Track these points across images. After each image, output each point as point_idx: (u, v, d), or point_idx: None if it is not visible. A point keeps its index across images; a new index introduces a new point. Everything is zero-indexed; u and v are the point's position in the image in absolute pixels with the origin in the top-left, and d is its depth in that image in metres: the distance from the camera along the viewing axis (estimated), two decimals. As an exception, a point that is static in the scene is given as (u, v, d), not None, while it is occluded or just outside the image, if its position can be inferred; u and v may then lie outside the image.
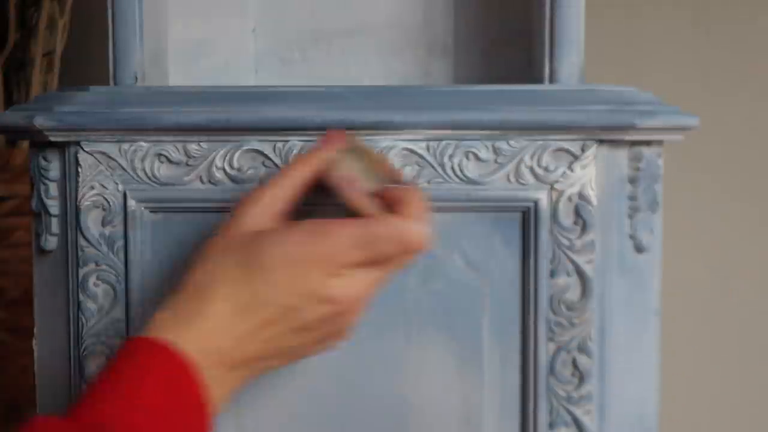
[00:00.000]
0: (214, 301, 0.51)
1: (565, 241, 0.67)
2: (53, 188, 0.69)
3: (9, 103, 1.32)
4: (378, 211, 0.54)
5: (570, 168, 0.67)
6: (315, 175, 0.56)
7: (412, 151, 0.67)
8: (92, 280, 0.68)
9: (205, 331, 0.50)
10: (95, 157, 0.67)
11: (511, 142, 0.67)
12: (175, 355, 0.49)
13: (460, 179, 0.67)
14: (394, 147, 0.67)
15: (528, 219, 0.67)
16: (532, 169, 0.67)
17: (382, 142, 0.67)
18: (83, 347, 0.68)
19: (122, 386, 0.48)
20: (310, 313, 0.52)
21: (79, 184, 0.67)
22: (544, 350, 0.68)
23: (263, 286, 0.51)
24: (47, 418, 0.47)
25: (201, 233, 0.68)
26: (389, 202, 0.55)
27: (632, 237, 0.68)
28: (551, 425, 0.68)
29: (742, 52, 1.35)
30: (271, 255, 0.51)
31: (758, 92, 1.36)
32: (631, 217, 0.68)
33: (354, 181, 0.54)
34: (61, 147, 0.68)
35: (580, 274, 0.67)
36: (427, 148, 0.67)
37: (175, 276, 0.64)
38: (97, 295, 0.68)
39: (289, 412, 0.69)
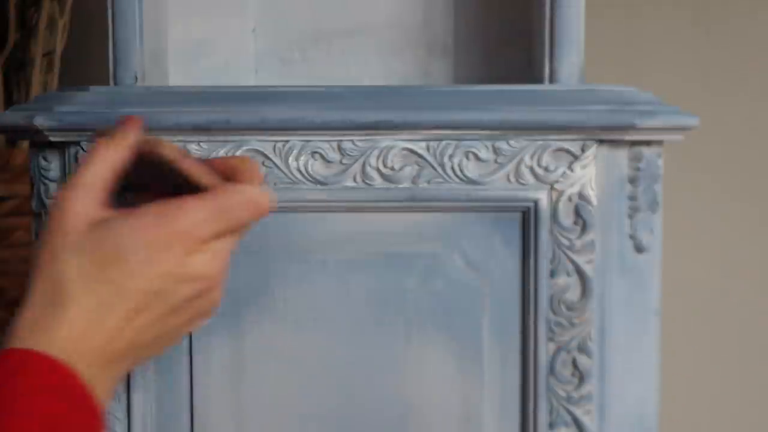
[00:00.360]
0: (73, 302, 0.48)
1: (565, 241, 0.67)
2: (53, 188, 0.69)
3: (9, 103, 1.32)
4: (220, 181, 0.53)
5: (570, 168, 0.67)
6: (132, 155, 0.53)
7: (412, 151, 0.67)
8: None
9: (74, 334, 0.48)
10: (95, 157, 0.67)
11: (511, 142, 0.67)
12: (55, 363, 0.47)
13: (460, 179, 0.67)
14: (394, 147, 0.67)
15: (528, 219, 0.67)
16: (532, 169, 0.67)
17: (382, 142, 0.67)
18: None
19: (12, 405, 0.45)
20: (178, 295, 0.50)
21: (79, 184, 0.67)
22: (544, 350, 0.67)
23: (122, 277, 0.49)
24: None
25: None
26: (224, 172, 0.54)
27: (632, 237, 0.68)
28: (551, 425, 0.68)
29: (742, 52, 1.35)
30: (124, 244, 0.49)
31: (758, 92, 1.36)
32: (631, 217, 0.68)
33: (186, 154, 0.53)
34: (61, 147, 0.68)
35: (580, 274, 0.67)
36: (427, 148, 0.67)
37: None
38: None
39: (290, 412, 0.69)
